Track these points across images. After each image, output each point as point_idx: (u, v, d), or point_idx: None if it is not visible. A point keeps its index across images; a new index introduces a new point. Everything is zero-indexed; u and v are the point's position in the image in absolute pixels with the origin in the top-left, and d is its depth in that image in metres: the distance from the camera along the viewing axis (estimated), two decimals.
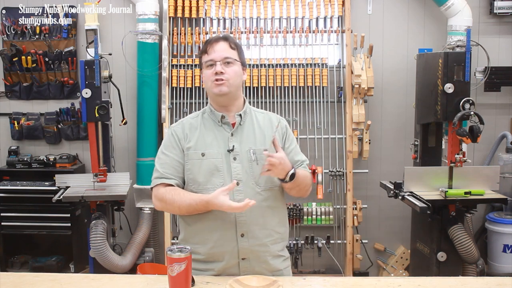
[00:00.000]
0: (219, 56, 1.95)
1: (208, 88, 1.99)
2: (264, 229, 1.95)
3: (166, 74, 4.05)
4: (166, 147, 2.01)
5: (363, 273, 4.07)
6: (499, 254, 3.99)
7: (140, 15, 4.03)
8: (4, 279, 1.90)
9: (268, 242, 1.96)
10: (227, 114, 2.00)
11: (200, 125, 2.01)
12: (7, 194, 4.04)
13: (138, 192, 4.10)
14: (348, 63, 4.01)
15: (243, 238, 1.92)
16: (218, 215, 1.90)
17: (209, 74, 1.95)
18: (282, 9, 4.09)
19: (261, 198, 1.93)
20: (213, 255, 1.94)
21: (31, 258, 4.23)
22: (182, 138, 2.00)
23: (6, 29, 4.21)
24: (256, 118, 2.06)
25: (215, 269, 1.95)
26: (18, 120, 4.29)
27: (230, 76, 1.95)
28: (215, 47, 1.96)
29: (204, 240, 1.94)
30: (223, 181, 1.91)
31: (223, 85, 1.94)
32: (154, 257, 4.10)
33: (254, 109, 2.12)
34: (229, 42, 1.98)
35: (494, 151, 4.14)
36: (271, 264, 1.98)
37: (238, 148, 1.96)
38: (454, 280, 1.94)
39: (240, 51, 2.02)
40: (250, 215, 1.91)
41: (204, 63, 1.98)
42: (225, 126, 2.00)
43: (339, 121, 4.08)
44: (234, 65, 1.97)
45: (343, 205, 4.08)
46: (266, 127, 2.04)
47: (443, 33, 4.12)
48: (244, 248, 1.92)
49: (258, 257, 1.94)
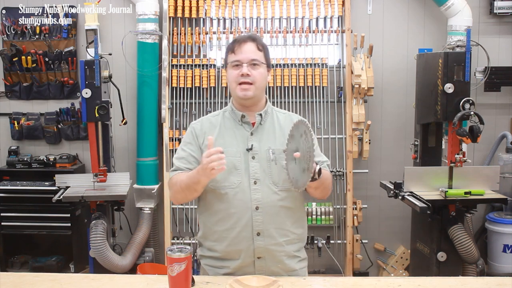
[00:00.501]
0: (246, 58, 1.94)
1: (232, 89, 1.99)
2: (279, 228, 1.95)
3: (166, 74, 4.05)
4: (185, 143, 2.04)
5: (363, 273, 4.07)
6: (499, 254, 3.99)
7: (140, 15, 4.03)
8: (4, 279, 1.90)
9: (284, 242, 1.96)
10: (248, 113, 2.01)
11: (220, 124, 2.02)
12: (7, 194, 4.04)
13: (138, 192, 4.10)
14: (348, 63, 4.01)
15: (259, 237, 1.92)
16: (235, 214, 1.91)
17: (235, 75, 1.95)
18: (282, 9, 4.09)
19: (277, 198, 1.93)
20: (229, 253, 1.95)
21: (31, 258, 4.23)
22: (199, 135, 2.01)
23: (6, 29, 4.22)
24: (277, 118, 2.06)
25: (230, 266, 1.96)
26: (18, 120, 4.29)
27: (256, 79, 1.95)
28: (243, 48, 1.95)
29: (221, 238, 1.95)
30: (240, 179, 1.92)
31: (249, 90, 1.94)
32: (154, 257, 4.10)
33: (276, 109, 2.12)
34: (257, 43, 1.97)
35: (494, 151, 4.14)
36: (287, 264, 1.98)
37: (257, 147, 1.96)
38: (454, 280, 1.94)
39: (266, 52, 2.01)
40: (266, 214, 1.92)
41: (230, 63, 1.98)
42: (245, 125, 2.01)
43: (339, 121, 4.08)
44: (260, 68, 1.96)
45: (343, 205, 4.08)
46: (286, 127, 2.02)
47: (443, 33, 4.12)
48: (259, 247, 1.93)
49: (274, 256, 1.95)
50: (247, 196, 1.91)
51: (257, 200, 1.91)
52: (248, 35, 2.03)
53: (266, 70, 2.00)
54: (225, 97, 4.09)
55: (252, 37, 2.00)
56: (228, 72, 2.00)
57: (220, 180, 1.93)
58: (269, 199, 1.91)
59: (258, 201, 1.91)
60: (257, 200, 1.91)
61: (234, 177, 1.93)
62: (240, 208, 1.92)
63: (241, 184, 1.91)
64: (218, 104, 4.06)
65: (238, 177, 1.93)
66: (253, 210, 1.91)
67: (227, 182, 1.93)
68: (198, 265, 4.03)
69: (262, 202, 1.92)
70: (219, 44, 4.11)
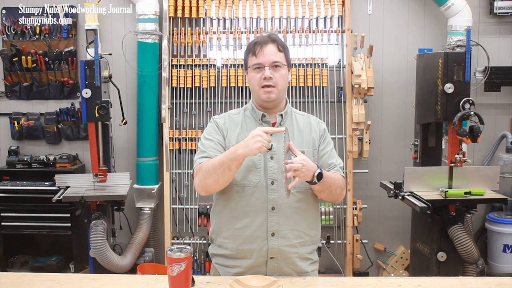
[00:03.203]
0: (268, 61, 1.93)
1: (255, 92, 1.98)
2: (294, 230, 1.95)
3: (166, 74, 4.05)
4: (209, 133, 2.02)
5: (363, 273, 4.07)
6: (499, 254, 3.99)
7: (140, 15, 4.03)
8: (4, 279, 1.90)
9: (298, 243, 1.96)
10: (268, 113, 2.01)
11: (241, 122, 2.02)
12: (7, 194, 4.03)
13: (138, 192, 4.10)
14: (348, 63, 4.01)
15: (273, 237, 1.92)
16: (251, 212, 1.92)
17: (257, 78, 1.95)
18: (282, 9, 4.09)
19: (294, 199, 1.93)
20: (242, 251, 1.95)
21: (31, 258, 4.23)
22: (223, 129, 2.01)
23: (6, 29, 4.22)
24: (296, 119, 2.07)
25: (242, 266, 1.96)
26: (18, 120, 4.29)
27: (278, 82, 1.95)
28: (264, 50, 1.94)
29: (234, 236, 1.95)
30: (259, 178, 1.92)
31: (272, 93, 1.94)
32: (154, 257, 4.10)
33: (295, 110, 2.12)
34: (278, 45, 1.96)
35: (494, 151, 4.14)
36: (299, 265, 1.98)
37: (276, 147, 1.95)
38: (454, 280, 1.94)
39: (287, 52, 2.01)
40: (281, 215, 1.92)
41: (251, 66, 1.97)
42: (265, 125, 2.00)
43: (339, 121, 4.08)
44: (282, 69, 1.96)
45: (343, 205, 4.08)
46: (305, 129, 2.05)
47: (443, 33, 4.12)
48: (273, 248, 1.92)
49: (287, 257, 1.95)
50: (264, 195, 1.92)
51: (274, 201, 1.91)
52: (268, 36, 1.99)
53: (287, 70, 2.00)
54: (225, 97, 4.09)
55: (272, 38, 1.98)
56: (250, 75, 1.98)
57: (239, 178, 1.93)
58: (285, 200, 1.90)
59: (274, 201, 1.92)
60: (273, 200, 1.91)
61: (253, 176, 1.93)
62: (256, 207, 1.92)
63: (259, 184, 1.91)
64: (218, 104, 4.06)
65: (257, 176, 1.93)
66: (269, 210, 1.92)
67: (245, 180, 1.93)
68: (199, 265, 4.05)
69: (279, 202, 1.92)
70: (219, 44, 4.11)
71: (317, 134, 2.05)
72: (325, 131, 2.09)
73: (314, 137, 2.03)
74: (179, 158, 4.10)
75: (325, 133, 2.09)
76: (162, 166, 4.10)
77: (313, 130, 2.05)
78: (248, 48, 2.01)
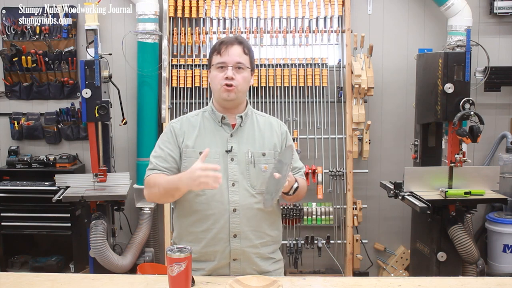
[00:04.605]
0: (231, 61, 1.94)
1: (216, 90, 1.99)
2: (256, 231, 1.96)
3: (166, 74, 4.05)
4: (163, 142, 2.03)
5: (363, 273, 4.07)
6: (499, 254, 4.00)
7: (140, 15, 4.03)
8: (4, 279, 1.90)
9: (259, 244, 1.98)
10: (228, 115, 2.01)
11: (199, 124, 2.02)
12: (7, 194, 4.03)
13: (138, 192, 4.09)
14: (348, 63, 4.01)
15: (235, 238, 1.93)
16: (212, 215, 1.92)
17: (220, 77, 1.95)
18: (282, 9, 4.09)
19: (255, 200, 1.95)
20: (205, 254, 1.96)
21: (31, 258, 4.23)
22: (179, 134, 2.01)
23: (6, 29, 4.21)
24: (257, 120, 2.07)
25: (206, 268, 1.97)
26: (18, 120, 4.28)
27: (240, 83, 1.96)
28: (230, 50, 1.95)
29: (197, 239, 1.96)
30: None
31: (232, 92, 1.95)
32: (154, 257, 4.10)
33: (256, 111, 2.13)
34: (243, 47, 1.98)
35: (494, 151, 4.14)
36: (260, 265, 1.99)
37: (237, 149, 1.97)
38: (454, 280, 1.94)
39: (251, 55, 2.02)
40: (243, 217, 1.93)
41: (215, 64, 1.97)
42: (225, 127, 2.01)
43: (339, 121, 4.08)
44: (245, 71, 1.97)
45: (343, 205, 4.08)
46: (266, 130, 2.06)
47: (443, 33, 4.12)
48: (236, 249, 1.94)
49: (249, 258, 1.96)
50: (225, 198, 1.92)
51: (235, 202, 1.92)
52: (235, 37, 2.01)
53: (250, 74, 2.01)
54: None
55: (239, 40, 1.99)
56: (212, 73, 1.99)
57: None
58: (246, 201, 1.92)
59: (235, 203, 1.92)
60: (234, 202, 1.92)
61: None
62: (217, 210, 1.92)
63: (220, 186, 1.86)
64: None
65: None
66: (230, 212, 1.92)
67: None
68: None
69: (240, 204, 1.93)
70: None
71: (278, 136, 2.06)
72: (287, 133, 2.11)
73: (275, 139, 2.04)
74: None
75: (287, 136, 2.10)
76: None
77: (274, 132, 2.06)
78: (213, 47, 2.01)
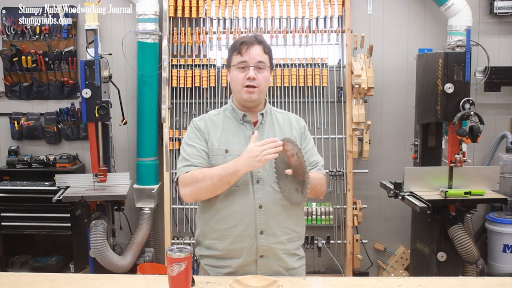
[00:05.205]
0: (253, 60, 1.94)
1: (237, 91, 1.99)
2: (282, 227, 1.96)
3: (166, 74, 4.05)
4: (191, 138, 2.01)
5: (363, 273, 4.07)
6: (499, 254, 4.00)
7: (140, 15, 4.03)
8: (4, 279, 1.90)
9: (285, 240, 1.98)
10: (249, 113, 2.02)
11: (222, 123, 2.03)
12: (7, 194, 4.03)
13: (138, 192, 4.10)
14: (348, 63, 4.01)
15: (262, 235, 1.93)
16: (238, 212, 1.92)
17: (241, 78, 1.95)
18: (282, 9, 4.09)
19: (280, 196, 1.94)
20: (231, 251, 1.95)
21: (31, 258, 4.23)
22: (205, 132, 2.01)
23: (6, 29, 4.21)
24: (276, 117, 2.08)
25: (232, 265, 1.96)
26: (18, 120, 4.29)
27: (261, 83, 1.96)
28: (251, 50, 1.95)
29: (223, 236, 1.95)
30: (245, 178, 1.92)
31: (254, 93, 1.96)
32: (154, 257, 4.10)
33: (274, 108, 2.14)
34: (263, 46, 1.98)
35: (494, 151, 4.14)
36: (287, 262, 1.99)
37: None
38: (454, 280, 1.94)
39: (271, 54, 2.02)
40: (269, 213, 1.93)
41: (236, 64, 1.97)
42: (247, 125, 2.02)
43: (339, 121, 4.08)
44: (265, 71, 1.97)
45: (343, 205, 4.08)
46: (285, 126, 2.06)
47: (443, 33, 4.12)
48: (262, 246, 1.93)
49: (275, 254, 1.96)
50: (250, 195, 1.93)
51: (260, 199, 1.93)
52: (254, 37, 2.01)
53: (269, 73, 2.01)
54: (225, 97, 4.09)
55: (258, 40, 1.99)
56: (233, 73, 1.99)
57: None
58: (272, 198, 1.93)
59: (261, 199, 1.93)
60: (260, 199, 1.93)
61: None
62: (243, 207, 1.92)
63: (245, 183, 1.92)
64: (218, 104, 4.06)
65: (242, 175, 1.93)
66: (256, 208, 1.92)
67: None
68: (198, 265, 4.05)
69: (265, 201, 1.93)
70: (219, 44, 4.11)
71: (297, 131, 2.07)
72: (305, 128, 2.11)
73: (295, 135, 2.04)
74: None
75: (306, 131, 2.11)
76: (162, 166, 4.10)
77: (294, 127, 2.07)
78: (233, 47, 2.01)
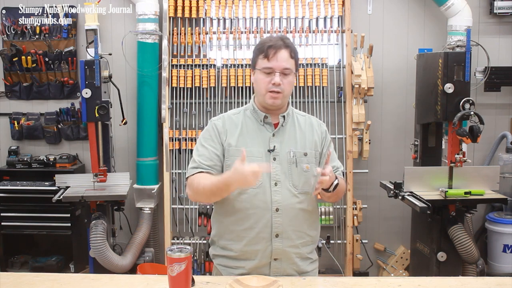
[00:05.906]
0: (279, 66, 1.91)
1: (261, 94, 1.96)
2: (297, 231, 1.96)
3: (166, 74, 4.05)
4: (205, 139, 2.00)
5: (363, 273, 4.07)
6: (499, 254, 3.99)
7: (140, 15, 4.03)
8: (4, 279, 1.90)
9: (300, 244, 1.97)
10: (270, 114, 2.00)
11: (241, 123, 2.01)
12: (7, 194, 4.03)
13: (138, 192, 4.10)
14: (348, 63, 4.01)
15: (277, 238, 1.93)
16: (254, 214, 1.91)
17: (266, 82, 1.93)
18: (282, 9, 4.09)
19: (297, 200, 1.94)
20: (246, 253, 1.95)
21: (31, 258, 4.23)
22: (222, 132, 1.99)
23: (6, 29, 4.21)
24: (298, 120, 2.06)
25: (246, 267, 1.96)
26: (18, 120, 4.28)
27: (286, 88, 1.94)
28: (278, 56, 1.91)
29: (239, 237, 1.95)
30: (261, 180, 1.91)
31: (278, 99, 1.94)
32: (154, 257, 4.10)
33: (296, 111, 2.12)
34: (290, 50, 1.94)
35: (494, 151, 4.14)
36: (300, 265, 1.99)
37: (279, 148, 1.96)
38: (454, 280, 1.94)
39: (297, 58, 1.99)
40: (285, 216, 1.92)
41: (262, 68, 1.94)
42: (267, 126, 2.00)
43: (339, 121, 4.08)
44: (290, 76, 1.95)
45: (343, 205, 4.08)
46: (307, 130, 2.04)
47: (443, 33, 4.12)
48: (277, 249, 1.93)
49: (289, 258, 1.96)
50: (268, 197, 1.92)
51: (277, 202, 1.92)
52: (281, 40, 1.95)
53: (294, 76, 1.99)
54: (225, 97, 4.09)
55: (286, 43, 1.94)
56: (258, 76, 1.96)
57: None
58: (289, 201, 1.92)
59: (278, 202, 1.92)
60: (277, 201, 1.92)
61: None
62: (260, 209, 1.92)
63: (262, 185, 1.91)
64: (218, 104, 4.06)
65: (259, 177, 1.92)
66: (273, 211, 1.92)
67: None
68: (199, 265, 4.05)
69: (282, 204, 1.92)
70: (219, 44, 4.11)
71: (319, 136, 2.05)
72: (326, 132, 2.10)
73: (316, 139, 2.03)
74: (179, 158, 4.10)
75: (327, 135, 2.10)
76: (162, 166, 4.10)
77: (315, 131, 2.05)
78: (260, 49, 1.96)
